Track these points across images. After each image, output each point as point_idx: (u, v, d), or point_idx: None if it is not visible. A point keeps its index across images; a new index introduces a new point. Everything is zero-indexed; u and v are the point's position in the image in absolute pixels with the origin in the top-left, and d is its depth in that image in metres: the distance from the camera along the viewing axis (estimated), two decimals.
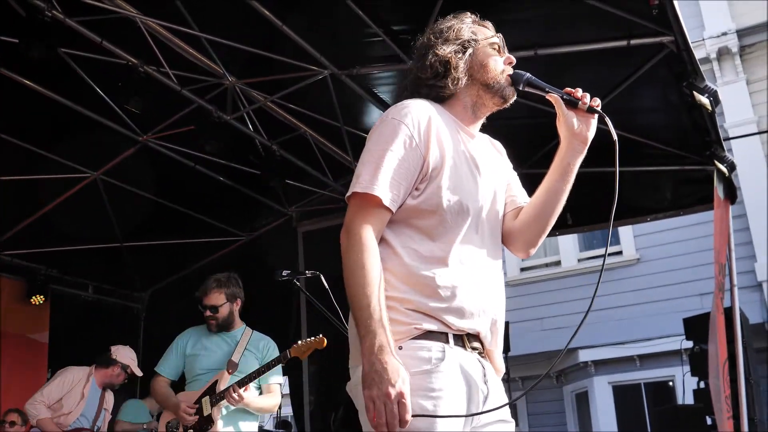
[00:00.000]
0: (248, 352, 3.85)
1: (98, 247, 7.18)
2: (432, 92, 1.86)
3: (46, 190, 6.45)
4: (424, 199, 1.72)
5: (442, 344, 1.64)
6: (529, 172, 5.89)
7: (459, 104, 1.87)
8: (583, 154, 1.82)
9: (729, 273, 5.60)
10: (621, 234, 10.39)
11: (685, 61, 4.31)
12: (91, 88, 5.24)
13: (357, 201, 1.70)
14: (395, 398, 1.48)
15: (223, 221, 7.61)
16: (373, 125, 1.82)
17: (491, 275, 1.79)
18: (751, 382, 5.54)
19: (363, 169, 1.72)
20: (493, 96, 1.86)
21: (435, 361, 1.60)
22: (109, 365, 5.46)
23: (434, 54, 1.84)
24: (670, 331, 8.39)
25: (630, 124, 5.44)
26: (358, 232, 1.65)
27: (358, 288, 1.59)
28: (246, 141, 6.16)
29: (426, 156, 1.72)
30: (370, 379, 1.51)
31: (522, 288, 10.77)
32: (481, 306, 1.72)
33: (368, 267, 1.61)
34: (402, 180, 1.70)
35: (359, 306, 1.58)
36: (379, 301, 1.57)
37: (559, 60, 4.81)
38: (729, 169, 5.32)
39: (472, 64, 1.85)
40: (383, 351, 1.52)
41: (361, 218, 1.67)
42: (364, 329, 1.55)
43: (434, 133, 1.74)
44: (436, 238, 1.71)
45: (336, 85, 5.53)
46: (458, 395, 1.62)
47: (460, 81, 1.84)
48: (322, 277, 4.02)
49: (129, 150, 6.17)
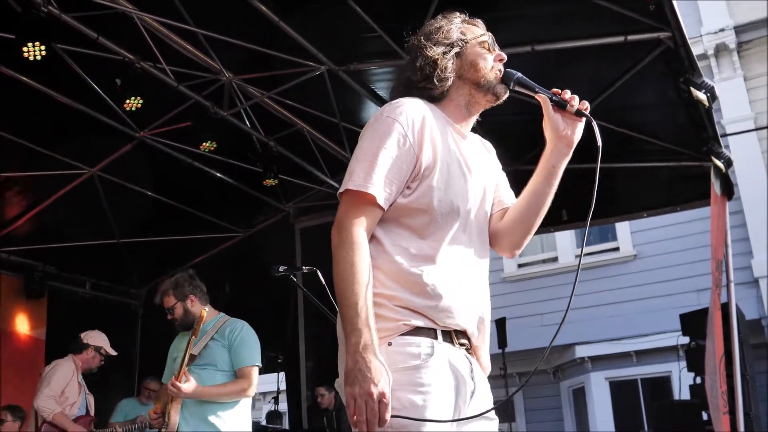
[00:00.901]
0: (214, 342, 3.76)
1: (96, 243, 7.18)
2: (424, 93, 1.87)
3: (43, 186, 6.45)
4: (415, 198, 1.73)
5: (431, 340, 1.65)
6: (523, 168, 5.90)
7: (452, 103, 1.89)
8: (569, 156, 1.82)
9: (726, 269, 5.61)
10: (618, 230, 10.40)
11: (683, 56, 4.31)
12: (88, 84, 5.24)
13: (350, 198, 1.70)
14: (377, 397, 1.50)
15: (220, 217, 7.62)
16: (368, 122, 1.82)
17: (478, 274, 1.82)
18: (747, 378, 5.55)
19: (356, 166, 1.72)
20: (485, 94, 1.87)
21: (424, 357, 1.62)
22: (82, 350, 5.52)
23: (423, 56, 1.86)
24: (667, 327, 8.42)
25: (627, 120, 5.45)
26: (349, 229, 1.66)
27: (346, 286, 1.60)
28: (243, 137, 6.15)
29: (419, 155, 1.73)
30: (353, 377, 1.52)
31: (519, 284, 10.78)
32: (469, 304, 1.74)
33: (358, 265, 1.62)
34: (395, 179, 1.71)
35: (347, 304, 1.59)
36: (366, 300, 1.59)
37: (556, 56, 4.81)
38: (726, 165, 5.33)
39: (462, 63, 1.86)
40: (367, 350, 1.53)
41: (353, 216, 1.68)
42: (350, 327, 1.56)
43: (428, 132, 1.75)
44: (426, 236, 1.72)
45: (333, 81, 5.53)
46: (446, 390, 1.63)
47: (448, 81, 1.85)
48: (319, 272, 4.00)
49: (126, 146, 6.17)
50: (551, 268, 10.82)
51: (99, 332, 5.70)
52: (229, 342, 3.75)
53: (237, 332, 3.77)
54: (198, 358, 3.68)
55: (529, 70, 1.92)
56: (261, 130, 6.12)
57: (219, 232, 7.80)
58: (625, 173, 6.09)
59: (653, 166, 5.91)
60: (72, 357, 5.51)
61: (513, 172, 2.07)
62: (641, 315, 9.67)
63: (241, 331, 3.79)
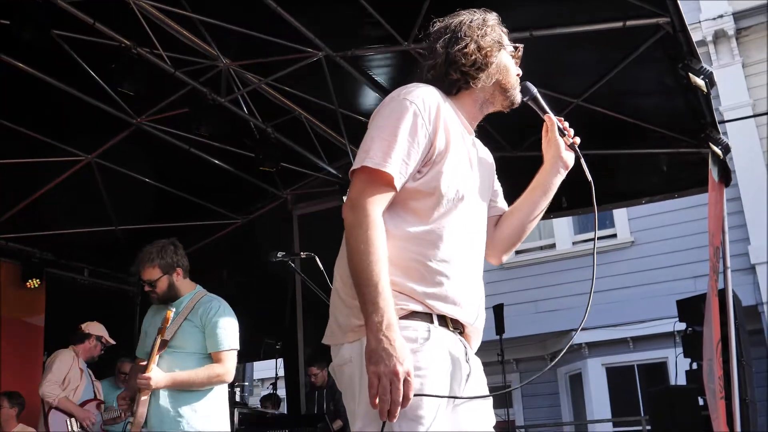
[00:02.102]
0: (187, 323, 3.41)
1: (93, 230, 7.18)
2: (457, 79, 1.86)
3: (40, 173, 6.43)
4: (425, 182, 1.73)
5: (427, 324, 1.66)
6: (522, 155, 5.91)
7: (470, 99, 1.90)
8: (564, 176, 1.98)
9: (723, 255, 5.63)
10: (615, 217, 10.43)
11: (681, 42, 4.30)
12: (84, 70, 5.21)
13: (366, 176, 1.68)
14: (402, 375, 1.50)
15: (218, 204, 7.61)
16: (382, 102, 1.80)
17: (477, 264, 1.83)
18: (743, 364, 5.58)
19: (374, 144, 1.70)
20: (504, 99, 1.93)
21: (421, 341, 1.62)
22: (84, 340, 5.62)
23: (477, 44, 1.86)
24: (664, 313, 8.44)
25: (625, 107, 5.44)
26: (366, 207, 1.64)
27: (365, 265, 1.58)
28: (240, 124, 6.14)
29: (434, 140, 1.73)
30: (378, 356, 1.51)
31: (517, 271, 10.81)
32: (467, 293, 1.75)
33: (376, 244, 1.60)
34: (410, 161, 1.70)
35: (367, 283, 1.57)
36: (386, 279, 1.58)
37: (554, 42, 4.79)
38: (724, 151, 5.33)
39: (498, 64, 1.89)
40: (390, 328, 1.53)
41: (368, 194, 1.65)
42: (372, 306, 1.55)
43: (442, 119, 1.76)
44: (430, 222, 1.72)
45: (331, 67, 5.51)
46: (443, 373, 1.65)
47: (490, 78, 1.88)
48: (317, 258, 3.99)
49: (123, 133, 6.15)
50: (549, 255, 10.85)
51: (97, 323, 5.78)
52: (203, 323, 3.40)
53: (212, 312, 3.41)
54: (170, 341, 3.36)
55: (527, 56, 1.98)
56: (259, 117, 6.10)
57: (217, 218, 7.80)
58: (623, 159, 6.09)
59: (651, 152, 5.90)
60: (72, 347, 5.60)
61: (512, 159, 2.07)
62: (638, 301, 9.71)
63: (217, 311, 3.42)
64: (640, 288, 9.77)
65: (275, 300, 7.68)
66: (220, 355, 3.38)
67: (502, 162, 2.09)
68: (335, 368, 1.73)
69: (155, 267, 3.50)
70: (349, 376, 1.67)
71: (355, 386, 1.64)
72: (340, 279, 1.74)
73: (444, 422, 1.60)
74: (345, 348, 1.68)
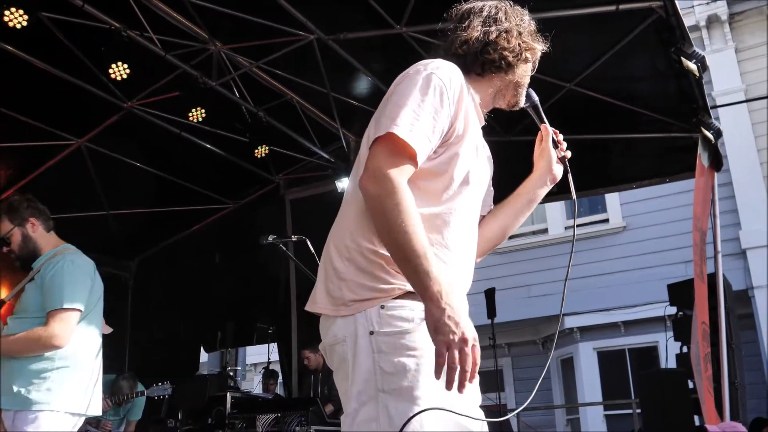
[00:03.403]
0: (31, 284, 3.02)
1: (84, 215, 7.14)
2: (492, 60, 1.82)
3: (30, 158, 6.38)
4: (439, 163, 1.69)
5: (422, 304, 1.62)
6: (513, 139, 5.90)
7: (486, 87, 1.87)
8: (549, 189, 2.00)
9: (713, 240, 5.66)
10: (607, 201, 10.46)
11: (674, 26, 4.29)
12: (74, 53, 5.16)
13: (390, 146, 1.59)
14: (471, 342, 1.49)
15: (210, 189, 7.58)
16: (407, 73, 1.72)
17: (473, 249, 1.83)
18: (733, 347, 5.64)
19: (399, 111, 1.62)
20: (513, 96, 1.91)
21: (417, 320, 1.60)
22: None
23: (518, 33, 1.86)
24: (655, 297, 8.51)
25: (617, 91, 5.43)
26: (394, 177, 1.56)
27: (410, 236, 1.53)
28: (232, 107, 6.10)
29: (454, 123, 1.69)
30: (445, 326, 1.48)
31: (509, 255, 10.84)
32: (463, 277, 1.75)
33: (414, 213, 1.55)
34: (432, 141, 1.65)
35: (416, 254, 1.52)
36: (429, 246, 1.55)
37: (546, 25, 4.75)
38: (715, 135, 5.34)
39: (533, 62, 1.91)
40: (450, 296, 1.51)
41: (392, 164, 1.58)
42: (427, 276, 1.51)
43: (464, 101, 1.72)
44: (439, 204, 1.69)
45: (323, 50, 5.47)
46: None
47: (518, 63, 1.85)
48: (308, 241, 3.98)
49: (113, 117, 6.10)
50: (541, 240, 10.89)
51: None
52: (42, 281, 2.97)
53: (54, 267, 2.98)
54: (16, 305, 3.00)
55: None
56: (250, 100, 6.07)
57: (209, 203, 7.77)
58: (615, 144, 6.10)
59: (643, 137, 5.91)
60: None
61: (504, 143, 2.08)
62: (629, 286, 9.77)
63: (58, 267, 2.98)
64: (632, 273, 9.83)
65: (268, 284, 7.68)
66: (49, 315, 2.90)
67: (495, 146, 2.08)
68: (326, 347, 1.70)
69: (4, 220, 3.16)
70: (341, 356, 1.64)
71: (348, 366, 1.61)
72: (335, 248, 1.70)
73: (438, 402, 1.59)
74: (338, 324, 1.65)
